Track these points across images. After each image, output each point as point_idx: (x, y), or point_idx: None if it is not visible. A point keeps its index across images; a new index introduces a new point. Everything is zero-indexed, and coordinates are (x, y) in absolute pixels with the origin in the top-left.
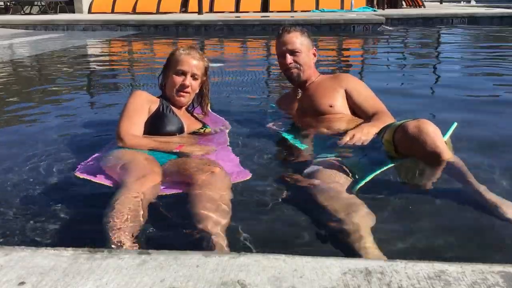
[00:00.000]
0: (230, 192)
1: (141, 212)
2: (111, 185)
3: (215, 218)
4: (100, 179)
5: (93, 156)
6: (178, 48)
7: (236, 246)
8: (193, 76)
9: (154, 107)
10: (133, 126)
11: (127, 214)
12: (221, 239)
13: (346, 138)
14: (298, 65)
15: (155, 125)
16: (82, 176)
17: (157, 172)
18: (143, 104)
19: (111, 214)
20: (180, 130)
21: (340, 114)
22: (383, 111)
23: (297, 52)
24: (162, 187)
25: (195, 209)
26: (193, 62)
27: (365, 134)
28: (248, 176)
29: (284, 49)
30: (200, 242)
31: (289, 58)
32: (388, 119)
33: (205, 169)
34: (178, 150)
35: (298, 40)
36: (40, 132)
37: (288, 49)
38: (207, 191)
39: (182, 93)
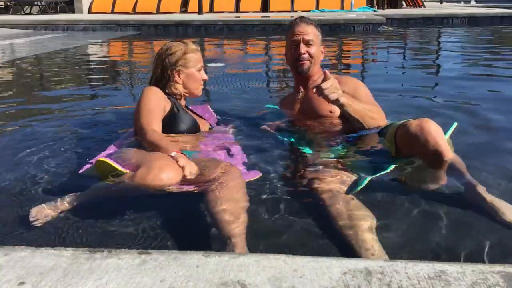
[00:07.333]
0: (245, 190)
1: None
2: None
3: (233, 219)
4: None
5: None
6: (186, 45)
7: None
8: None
9: (168, 106)
10: (154, 121)
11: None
12: (239, 240)
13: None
14: (310, 57)
15: (173, 124)
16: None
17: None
18: (160, 100)
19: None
20: (196, 129)
21: (340, 119)
22: (378, 111)
23: (311, 44)
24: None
25: (211, 210)
26: (201, 56)
27: (335, 90)
28: (258, 174)
29: (299, 38)
30: (201, 242)
31: (303, 48)
32: (376, 115)
33: (218, 170)
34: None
35: (314, 32)
36: (39, 132)
37: (304, 39)
38: (222, 192)
39: (201, 86)
